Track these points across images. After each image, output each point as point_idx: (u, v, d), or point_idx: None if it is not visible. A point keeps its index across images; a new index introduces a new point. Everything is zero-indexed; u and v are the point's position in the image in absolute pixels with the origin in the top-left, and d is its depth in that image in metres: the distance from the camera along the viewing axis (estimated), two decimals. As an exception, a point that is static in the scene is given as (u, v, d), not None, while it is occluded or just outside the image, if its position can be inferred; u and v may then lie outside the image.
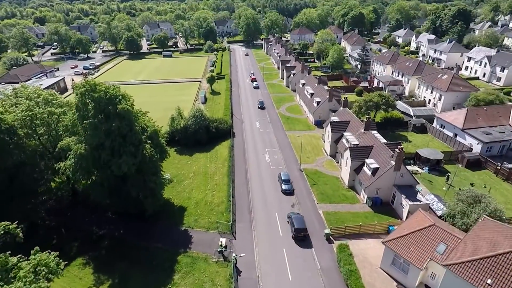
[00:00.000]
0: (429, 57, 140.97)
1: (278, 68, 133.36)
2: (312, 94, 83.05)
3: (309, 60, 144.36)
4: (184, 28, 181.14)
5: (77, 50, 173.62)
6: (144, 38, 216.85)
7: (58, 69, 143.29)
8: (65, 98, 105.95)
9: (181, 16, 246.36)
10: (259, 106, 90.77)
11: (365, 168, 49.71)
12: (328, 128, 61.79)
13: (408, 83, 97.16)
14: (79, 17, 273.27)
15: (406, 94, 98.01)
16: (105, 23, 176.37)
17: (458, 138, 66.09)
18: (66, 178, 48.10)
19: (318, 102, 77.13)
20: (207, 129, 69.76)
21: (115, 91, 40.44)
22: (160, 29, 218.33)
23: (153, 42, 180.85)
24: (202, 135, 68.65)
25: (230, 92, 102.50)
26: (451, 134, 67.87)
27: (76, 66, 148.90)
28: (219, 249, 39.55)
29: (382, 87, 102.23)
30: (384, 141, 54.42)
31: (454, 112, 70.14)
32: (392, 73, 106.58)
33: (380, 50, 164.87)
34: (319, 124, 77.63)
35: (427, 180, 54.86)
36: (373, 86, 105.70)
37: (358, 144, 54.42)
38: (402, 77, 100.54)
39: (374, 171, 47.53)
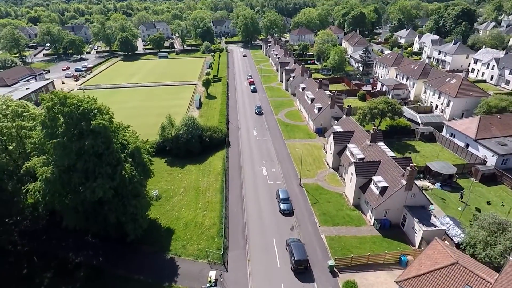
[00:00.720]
0: (433, 58, 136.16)
1: (277, 70, 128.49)
2: (312, 100, 78.21)
3: (309, 62, 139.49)
4: (180, 29, 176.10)
5: (70, 51, 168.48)
6: (140, 39, 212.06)
7: (48, 71, 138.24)
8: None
9: (178, 16, 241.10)
10: (256, 111, 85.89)
11: (372, 186, 44.91)
12: (331, 138, 56.97)
13: (413, 87, 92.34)
14: (74, 17, 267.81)
15: (411, 98, 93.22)
16: (99, 23, 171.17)
17: (470, 148, 61.30)
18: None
19: (319, 109, 72.29)
20: (200, 138, 64.91)
21: (89, 104, 35.59)
22: (157, 29, 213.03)
23: (148, 42, 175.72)
24: (194, 145, 63.80)
25: (226, 96, 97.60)
26: (462, 144, 63.09)
27: (68, 68, 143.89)
28: (207, 285, 34.70)
29: (386, 91, 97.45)
30: (391, 154, 49.66)
31: (466, 121, 65.33)
32: (396, 76, 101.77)
33: (382, 51, 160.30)
34: (320, 132, 72.85)
35: (439, 198, 50.09)
36: (376, 90, 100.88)
37: (363, 158, 49.62)
38: (407, 81, 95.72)
39: (383, 190, 42.72)
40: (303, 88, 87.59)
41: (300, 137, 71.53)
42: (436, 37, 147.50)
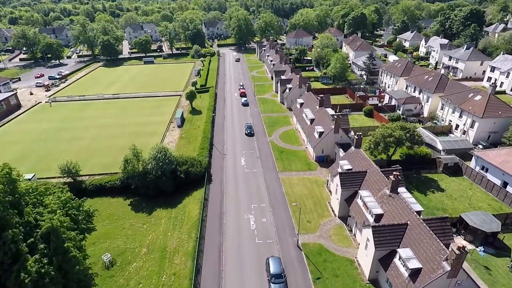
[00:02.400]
0: (443, 64, 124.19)
1: (272, 78, 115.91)
2: (312, 120, 65.73)
3: (307, 69, 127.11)
4: (168, 31, 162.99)
5: (49, 56, 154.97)
6: (126, 41, 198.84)
7: (19, 79, 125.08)
8: (14, 118, 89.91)
9: (168, 17, 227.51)
10: (246, 132, 73.24)
11: (397, 261, 32.55)
12: (337, 180, 44.55)
13: (428, 102, 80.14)
14: (59, 18, 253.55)
15: (425, 114, 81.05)
16: (80, 25, 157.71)
17: (510, 188, 49.16)
18: None
19: (321, 133, 59.82)
20: (174, 174, 52.31)
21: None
22: (144, 31, 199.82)
23: (133, 46, 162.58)
24: (166, 183, 51.21)
25: (213, 112, 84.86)
26: (498, 182, 50.96)
27: (42, 76, 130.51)
28: None
29: (395, 105, 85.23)
30: (418, 207, 37.45)
31: (502, 152, 53.12)
32: (406, 88, 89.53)
33: (385, 56, 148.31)
34: (322, 161, 60.50)
35: (482, 266, 37.84)
36: (384, 104, 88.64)
37: (382, 215, 37.28)
38: (419, 94, 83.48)
39: (414, 273, 30.35)
40: (301, 104, 75.08)
41: (298, 168, 58.93)
42: (445, 41, 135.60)
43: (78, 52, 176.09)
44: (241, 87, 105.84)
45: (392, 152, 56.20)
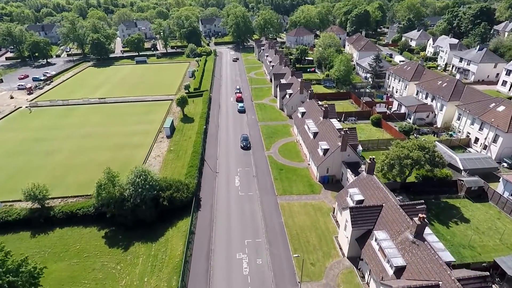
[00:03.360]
0: (452, 66, 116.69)
1: (271, 80, 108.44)
2: (315, 134, 58.42)
3: (308, 70, 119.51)
4: (162, 29, 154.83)
5: (36, 55, 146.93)
6: (119, 39, 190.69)
7: (1, 81, 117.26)
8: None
9: (164, 13, 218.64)
10: (242, 145, 65.86)
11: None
12: (346, 215, 37.39)
13: (441, 111, 72.81)
14: (51, 14, 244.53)
15: (438, 124, 73.77)
16: (69, 22, 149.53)
17: (547, 221, 42.14)
18: None
19: (326, 151, 52.56)
20: (156, 201, 45.14)
21: None
22: (138, 28, 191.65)
23: (125, 45, 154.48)
24: (146, 212, 44.04)
25: (206, 120, 77.46)
26: (533, 212, 43.91)
27: (26, 76, 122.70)
28: None
29: (405, 113, 77.94)
30: (450, 257, 30.43)
31: (536, 176, 46.03)
32: (417, 94, 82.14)
33: (391, 56, 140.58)
34: (327, 181, 53.36)
35: (527, 329, 30.88)
36: (393, 111, 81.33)
37: (404, 267, 30.20)
38: (432, 101, 76.12)
39: None
40: (303, 114, 67.68)
41: (299, 190, 51.69)
42: (455, 41, 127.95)
43: (68, 50, 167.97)
44: (238, 91, 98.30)
45: (407, 174, 49.02)
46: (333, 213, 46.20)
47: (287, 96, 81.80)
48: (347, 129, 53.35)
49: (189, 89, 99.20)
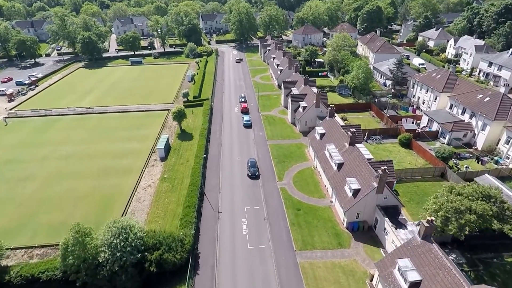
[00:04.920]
0: (479, 71, 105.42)
1: (279, 87, 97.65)
2: (340, 166, 47.69)
3: (320, 74, 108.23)
4: (159, 26, 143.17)
5: (24, 54, 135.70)
6: (114, 36, 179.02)
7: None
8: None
9: (162, 8, 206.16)
10: (250, 173, 55.11)
11: None
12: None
13: (484, 130, 61.85)
14: (43, 8, 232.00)
15: (479, 145, 62.85)
16: (58, 18, 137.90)
17: None
18: None
19: (356, 192, 41.87)
20: (141, 265, 34.65)
21: None
22: (134, 25, 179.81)
23: (120, 43, 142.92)
24: (127, 282, 33.59)
25: (206, 137, 66.65)
26: None
27: (10, 79, 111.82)
28: None
29: (438, 131, 67.06)
30: None
31: None
32: (450, 108, 71.08)
33: (407, 57, 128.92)
34: (357, 228, 42.80)
35: None
36: (422, 128, 70.43)
37: None
38: (471, 118, 65.11)
39: None
40: (322, 135, 56.81)
41: (323, 242, 40.99)
42: (481, 42, 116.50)
43: (59, 49, 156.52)
44: (243, 100, 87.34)
45: (463, 223, 38.22)
46: (370, 280, 35.66)
47: (300, 109, 70.89)
48: (383, 164, 42.59)
49: (188, 97, 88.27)
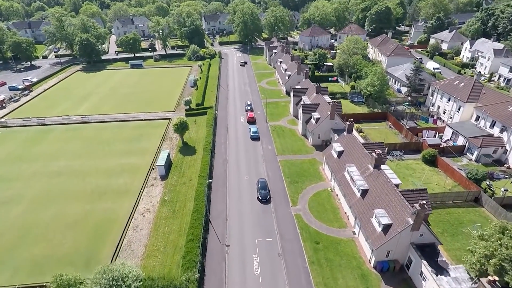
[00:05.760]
0: (499, 76, 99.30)
1: (287, 93, 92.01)
2: (364, 192, 41.88)
3: (329, 79, 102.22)
4: (160, 28, 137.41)
5: (20, 56, 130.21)
6: (114, 36, 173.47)
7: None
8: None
9: (163, 8, 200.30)
10: (260, 196, 49.33)
11: None
12: None
13: (518, 147, 55.94)
14: (42, 8, 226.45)
15: (511, 163, 56.92)
16: (55, 19, 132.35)
17: None
18: None
19: (386, 228, 35.99)
20: (136, 323, 28.96)
21: None
22: (135, 25, 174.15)
23: (119, 45, 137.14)
24: None
25: (210, 153, 60.89)
26: None
27: (3, 84, 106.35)
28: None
29: (465, 146, 61.07)
30: None
31: None
32: (477, 119, 65.09)
33: (421, 61, 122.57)
34: (385, 269, 36.94)
35: None
36: (446, 142, 64.47)
37: None
38: (502, 133, 59.12)
39: None
40: (340, 154, 50.98)
41: (348, 287, 35.30)
42: (499, 46, 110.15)
43: (56, 50, 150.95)
44: (249, 108, 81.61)
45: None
46: None
47: (313, 121, 65.02)
48: (417, 195, 36.74)
49: (190, 105, 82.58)
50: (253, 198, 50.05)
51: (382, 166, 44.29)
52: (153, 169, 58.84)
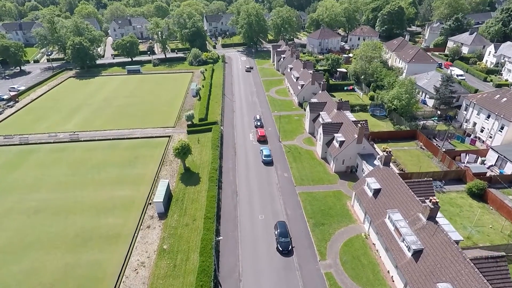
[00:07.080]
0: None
1: (300, 105, 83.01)
2: (417, 253, 32.72)
3: (345, 88, 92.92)
4: (159, 30, 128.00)
5: (8, 61, 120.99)
6: (110, 38, 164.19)
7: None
8: None
9: (163, 8, 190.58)
10: (281, 247, 39.93)
11: None
12: None
13: None
14: (36, 8, 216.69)
15: None
16: (47, 21, 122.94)
17: None
18: None
19: (459, 313, 26.93)
20: None
21: None
22: (133, 27, 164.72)
23: (115, 48, 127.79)
24: None
25: (217, 184, 51.73)
26: None
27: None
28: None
29: (516, 175, 51.97)
30: None
31: None
32: (527, 143, 55.93)
33: (440, 66, 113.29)
34: None
35: None
36: (491, 168, 55.30)
37: None
38: None
39: None
40: (377, 192, 41.83)
41: None
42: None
43: (48, 54, 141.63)
44: (258, 124, 72.50)
45: None
46: None
47: (336, 144, 55.87)
48: (493, 262, 27.68)
49: (192, 120, 73.42)
50: (271, 247, 40.94)
51: (444, 224, 35.08)
52: (150, 203, 49.78)
